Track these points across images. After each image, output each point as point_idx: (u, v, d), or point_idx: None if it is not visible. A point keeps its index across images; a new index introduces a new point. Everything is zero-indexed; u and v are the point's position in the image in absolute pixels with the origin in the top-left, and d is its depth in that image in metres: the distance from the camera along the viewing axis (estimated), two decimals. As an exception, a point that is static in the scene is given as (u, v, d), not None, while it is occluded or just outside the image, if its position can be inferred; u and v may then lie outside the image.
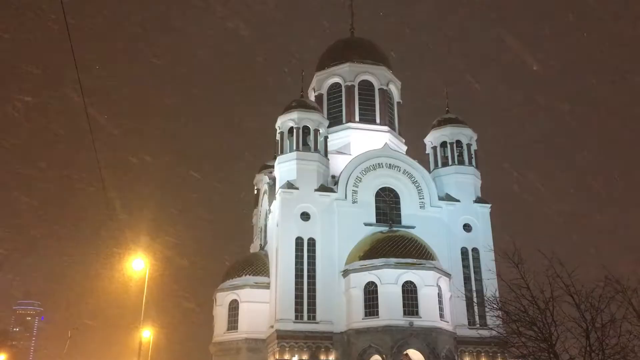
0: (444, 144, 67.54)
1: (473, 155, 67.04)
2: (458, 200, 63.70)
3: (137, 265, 40.10)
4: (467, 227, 62.91)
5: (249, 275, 62.84)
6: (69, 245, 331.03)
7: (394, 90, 75.30)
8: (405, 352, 53.16)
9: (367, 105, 71.62)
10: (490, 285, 29.51)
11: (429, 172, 65.67)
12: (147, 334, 54.02)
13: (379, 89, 72.52)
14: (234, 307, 62.06)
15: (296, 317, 55.50)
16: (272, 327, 56.35)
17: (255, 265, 64.34)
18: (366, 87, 72.50)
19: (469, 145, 67.07)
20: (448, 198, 63.74)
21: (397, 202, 62.49)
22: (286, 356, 53.12)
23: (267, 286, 61.14)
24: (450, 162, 66.29)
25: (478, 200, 64.56)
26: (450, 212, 63.05)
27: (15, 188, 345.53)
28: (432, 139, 68.65)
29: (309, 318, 55.82)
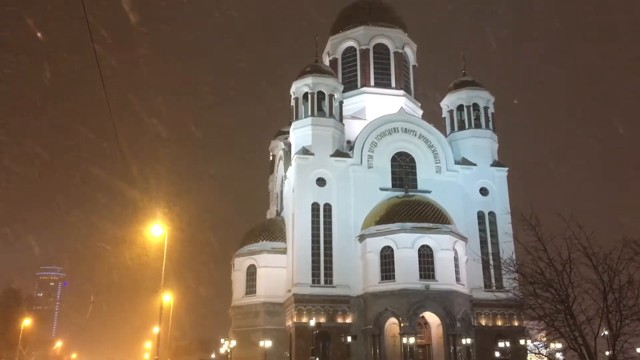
0: (460, 108, 66.71)
1: (490, 119, 66.19)
2: (474, 164, 63.23)
3: (156, 231, 40.60)
4: (483, 191, 62.60)
5: (266, 240, 63.53)
6: (89, 212, 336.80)
7: (410, 53, 74.12)
8: (421, 315, 53.73)
9: (382, 69, 70.73)
10: (507, 248, 29.48)
11: (445, 136, 65.13)
12: (167, 298, 55.13)
13: (394, 52, 71.45)
14: (251, 272, 62.98)
15: (313, 282, 56.18)
16: (289, 291, 57.14)
17: (272, 230, 64.97)
18: (381, 51, 71.45)
19: (486, 109, 66.19)
20: (464, 162, 63.29)
21: (413, 167, 62.22)
22: (304, 319, 53.98)
23: (284, 251, 61.80)
24: (466, 126, 65.57)
25: (495, 164, 64.00)
26: (467, 176, 62.68)
27: (37, 158, 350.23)
28: (449, 102, 67.79)
29: (325, 282, 56.47)
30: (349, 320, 55.17)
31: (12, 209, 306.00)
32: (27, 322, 74.30)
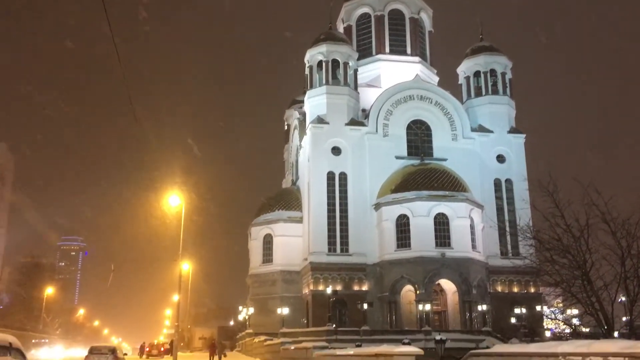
0: (477, 74, 65.68)
1: (508, 85, 65.15)
2: (491, 131, 62.55)
3: (173, 201, 41.04)
4: (500, 158, 62.06)
5: (282, 209, 63.90)
6: (108, 183, 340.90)
7: (426, 18, 72.78)
8: (437, 282, 54.05)
9: (397, 36, 69.62)
10: (524, 215, 29.28)
11: (462, 103, 64.33)
12: (186, 267, 56.00)
13: (409, 18, 70.20)
14: (268, 240, 63.57)
15: (329, 250, 56.60)
16: (305, 259, 57.68)
17: (287, 200, 65.28)
18: (396, 16, 70.21)
19: (503, 74, 65.11)
20: (481, 129, 62.63)
21: (429, 135, 61.74)
22: (320, 287, 54.60)
23: (300, 220, 62.16)
24: (483, 92, 64.65)
25: (512, 131, 63.26)
26: (483, 144, 62.09)
27: (56, 128, 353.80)
28: (465, 68, 66.75)
29: (341, 251, 56.87)
30: (365, 287, 55.70)
31: (33, 179, 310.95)
32: (49, 291, 76.09)
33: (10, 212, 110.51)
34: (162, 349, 55.23)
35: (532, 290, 54.61)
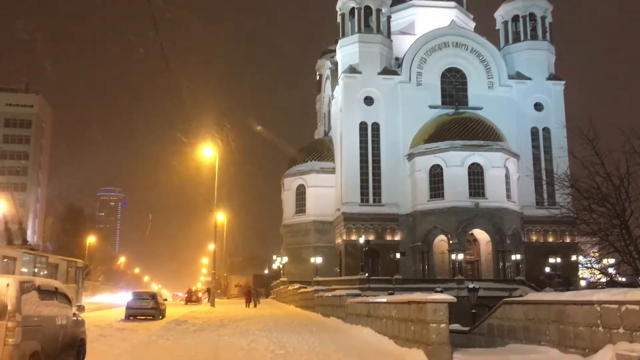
0: (515, 18, 63.23)
1: (547, 29, 62.62)
2: (529, 78, 60.67)
3: (207, 152, 41.61)
4: (538, 106, 60.38)
5: (315, 160, 64.07)
6: (143, 134, 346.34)
7: (462, -40, 69.86)
8: (470, 232, 53.90)
9: (432, -20, 67.16)
10: (562, 164, 28.58)
11: (499, 49, 62.27)
12: (221, 217, 57.13)
13: (444, -39, 67.47)
14: (301, 191, 64.10)
15: (362, 200, 56.78)
16: (338, 210, 58.07)
17: (320, 151, 65.32)
18: (431, -41, 67.54)
19: (543, 18, 62.52)
20: (519, 76, 60.77)
21: (464, 83, 60.28)
22: (353, 237, 55.11)
23: (332, 171, 62.28)
24: (522, 38, 62.38)
25: (551, 77, 61.23)
26: (521, 91, 60.37)
27: (92, 80, 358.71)
28: (503, 12, 64.24)
29: (374, 201, 56.99)
30: (397, 237, 55.99)
31: (71, 131, 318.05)
32: (91, 239, 78.85)
33: (50, 163, 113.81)
34: (200, 296, 57.09)
35: (568, 239, 53.98)
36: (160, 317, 27.01)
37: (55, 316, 9.36)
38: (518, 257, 53.13)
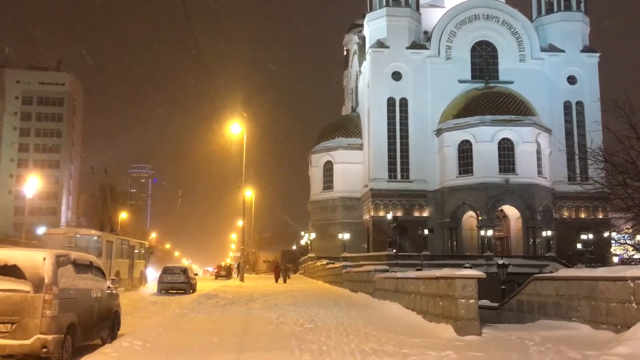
0: (549, -12, 61.34)
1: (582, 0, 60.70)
2: (563, 51, 59.03)
3: (235, 129, 41.83)
4: (571, 79, 58.82)
5: (342, 137, 63.87)
6: (172, 113, 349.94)
7: None
8: (499, 208, 53.29)
9: (462, -50, 65.32)
10: (596, 138, 27.85)
11: (531, 21, 60.61)
12: (249, 193, 57.67)
13: None
14: (328, 167, 64.12)
15: (390, 177, 56.54)
16: (366, 186, 57.98)
17: (347, 127, 65.05)
18: None
19: (578, -13, 60.55)
20: (551, 49, 59.18)
21: (495, 56, 59.00)
22: (380, 213, 55.05)
23: (360, 147, 62.05)
24: (555, 9, 60.53)
25: (585, 50, 59.46)
26: (554, 64, 58.84)
27: (121, 57, 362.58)
28: (536, -17, 62.38)
29: (402, 177, 56.69)
30: (425, 213, 55.73)
31: (101, 109, 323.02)
32: (123, 215, 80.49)
33: (83, 141, 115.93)
34: (229, 271, 58.02)
35: (600, 215, 52.94)
36: (191, 291, 27.61)
37: (90, 289, 9.62)
38: (549, 233, 52.43)
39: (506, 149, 52.84)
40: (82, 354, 8.24)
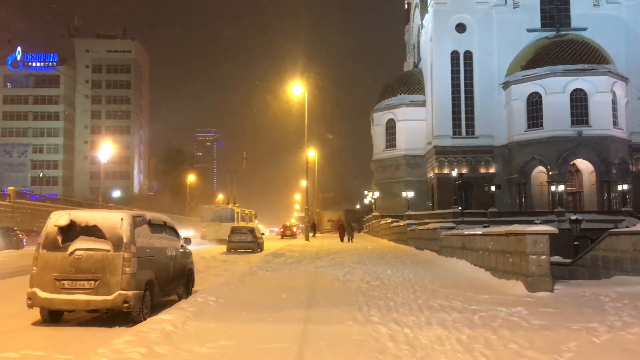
0: None
1: None
2: (641, -8, 54.90)
3: (296, 90, 41.90)
4: (650, 23, 54.80)
5: (404, 94, 62.67)
6: (234, 74, 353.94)
7: None
8: (572, 162, 51.16)
9: None
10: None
11: (607, -40, 56.51)
12: (311, 154, 58.00)
13: None
14: (390, 125, 63.32)
15: (454, 133, 55.22)
16: (429, 143, 56.96)
17: (409, 83, 63.71)
18: None
19: None
20: (629, -10, 55.14)
21: (566, 2, 55.57)
22: (445, 170, 54.12)
23: (422, 104, 60.78)
24: (634, -54, 56.01)
25: (668, -10, 55.03)
26: (631, 8, 54.83)
27: (184, 23, 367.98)
28: None
29: (467, 133, 55.24)
30: (492, 170, 54.32)
31: (166, 75, 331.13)
32: (191, 178, 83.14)
33: (150, 107, 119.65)
34: (295, 230, 59.12)
35: (683, 167, 49.96)
36: (259, 250, 28.37)
37: (165, 248, 10.04)
38: (625, 187, 49.97)
39: (579, 100, 50.28)
40: (160, 310, 8.67)
